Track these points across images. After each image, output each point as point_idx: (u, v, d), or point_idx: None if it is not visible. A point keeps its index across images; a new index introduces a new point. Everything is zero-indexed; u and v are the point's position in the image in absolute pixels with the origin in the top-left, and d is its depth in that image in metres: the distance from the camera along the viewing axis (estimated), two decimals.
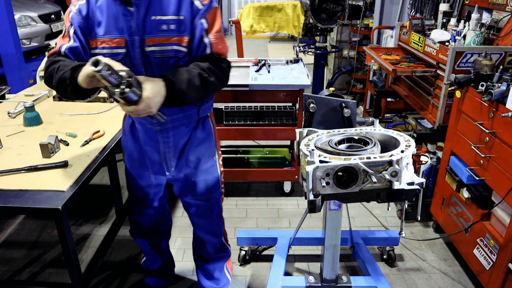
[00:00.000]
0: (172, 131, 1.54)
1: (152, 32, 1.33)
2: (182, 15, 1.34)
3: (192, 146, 1.59)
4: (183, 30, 1.35)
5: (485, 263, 1.94)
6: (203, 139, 1.61)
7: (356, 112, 2.32)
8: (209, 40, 1.37)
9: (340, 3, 3.89)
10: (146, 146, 1.60)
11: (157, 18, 1.32)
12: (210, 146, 1.65)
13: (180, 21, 1.34)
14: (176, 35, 1.34)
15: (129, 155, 1.68)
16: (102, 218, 2.70)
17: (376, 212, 2.78)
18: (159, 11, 1.32)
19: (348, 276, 1.98)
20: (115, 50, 1.36)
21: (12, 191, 1.46)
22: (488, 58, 1.99)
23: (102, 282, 2.18)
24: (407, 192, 1.39)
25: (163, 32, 1.33)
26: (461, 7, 2.84)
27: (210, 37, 1.37)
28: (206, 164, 1.65)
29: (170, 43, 1.35)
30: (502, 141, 1.80)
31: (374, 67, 3.82)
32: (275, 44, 8.78)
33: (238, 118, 2.88)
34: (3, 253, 2.38)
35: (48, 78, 1.36)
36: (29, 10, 4.93)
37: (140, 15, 1.32)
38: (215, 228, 1.85)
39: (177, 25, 1.34)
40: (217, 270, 1.96)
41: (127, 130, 1.63)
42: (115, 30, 1.34)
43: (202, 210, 1.76)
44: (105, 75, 1.10)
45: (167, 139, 1.55)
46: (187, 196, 1.73)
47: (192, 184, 1.67)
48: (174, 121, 1.51)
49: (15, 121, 2.05)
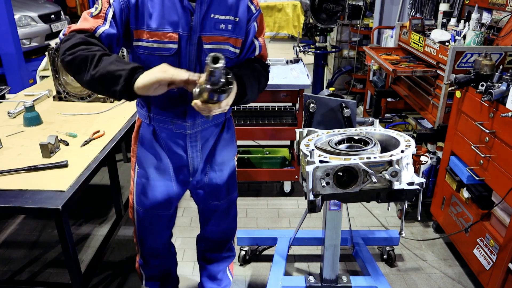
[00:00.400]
0: (200, 133, 1.49)
1: (210, 31, 1.32)
2: (239, 16, 1.35)
3: (219, 147, 1.57)
4: (238, 31, 1.37)
5: (485, 263, 1.94)
6: (229, 140, 1.60)
7: (356, 112, 2.32)
8: (259, 43, 1.45)
9: (340, 3, 3.89)
10: (171, 152, 1.50)
11: (215, 16, 1.31)
12: (233, 147, 1.65)
13: (236, 22, 1.35)
14: (232, 36, 1.36)
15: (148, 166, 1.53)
16: (102, 218, 2.70)
17: (376, 212, 2.78)
18: (218, 10, 1.32)
19: (348, 276, 1.98)
20: (167, 45, 1.29)
21: (12, 191, 1.46)
22: (488, 58, 1.99)
23: (102, 282, 2.18)
24: (407, 192, 1.39)
25: (221, 31, 1.33)
26: (461, 7, 2.84)
27: (260, 40, 1.45)
28: (229, 165, 1.64)
29: (225, 43, 1.35)
30: (502, 141, 1.80)
31: (374, 67, 3.82)
32: (275, 44, 8.78)
33: (239, 118, 2.88)
34: (3, 253, 2.38)
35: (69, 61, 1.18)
36: (29, 10, 4.93)
37: (202, 12, 1.29)
38: (230, 228, 1.83)
39: (233, 26, 1.35)
40: (221, 271, 1.94)
41: (147, 138, 1.49)
42: (169, 24, 1.27)
43: (221, 212, 1.74)
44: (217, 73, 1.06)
45: (195, 143, 1.50)
46: (210, 200, 1.68)
47: (216, 187, 1.63)
48: (205, 123, 1.48)
49: (15, 121, 2.05)
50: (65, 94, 2.31)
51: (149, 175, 1.53)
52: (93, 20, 1.23)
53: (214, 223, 1.78)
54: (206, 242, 1.88)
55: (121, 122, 2.04)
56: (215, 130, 1.54)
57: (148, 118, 1.45)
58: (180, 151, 1.50)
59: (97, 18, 1.23)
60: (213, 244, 1.87)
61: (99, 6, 1.24)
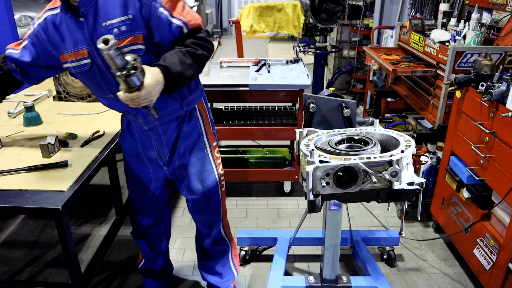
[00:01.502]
0: (161, 127, 1.56)
1: None
2: (130, 13, 1.32)
3: (181, 140, 1.61)
4: (135, 28, 1.34)
5: (485, 263, 1.94)
6: (190, 133, 1.61)
7: (356, 112, 2.32)
8: (181, 21, 1.35)
9: (340, 3, 3.89)
10: (142, 144, 1.62)
11: (107, 23, 1.32)
12: (199, 139, 1.64)
13: (130, 20, 1.33)
14: (130, 35, 1.34)
15: (127, 153, 1.71)
16: (102, 218, 2.70)
17: (376, 212, 2.79)
18: (106, 16, 1.32)
19: (348, 276, 1.98)
20: (81, 61, 1.41)
21: (12, 191, 1.46)
22: (488, 58, 1.99)
23: (102, 282, 2.18)
24: (407, 192, 1.39)
25: (116, 36, 1.31)
26: (461, 7, 2.84)
27: (179, 18, 1.35)
28: (196, 157, 1.65)
29: (125, 45, 1.34)
30: (502, 141, 1.80)
31: (374, 67, 3.82)
32: (275, 44, 8.79)
33: (238, 118, 2.88)
34: (3, 253, 2.38)
35: None
36: (29, 10, 4.93)
37: (90, 24, 1.33)
38: (211, 221, 1.83)
39: (127, 25, 1.33)
40: (220, 264, 1.93)
41: (124, 128, 1.66)
42: (76, 43, 1.38)
43: (198, 204, 1.76)
44: (112, 54, 1.09)
45: (158, 136, 1.58)
46: (185, 191, 1.73)
47: (185, 178, 1.68)
48: (160, 119, 1.53)
49: (15, 121, 2.05)
50: (65, 94, 2.31)
51: (128, 160, 1.72)
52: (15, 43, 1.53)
53: (195, 215, 1.82)
54: (199, 233, 1.92)
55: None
56: (175, 123, 1.57)
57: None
58: (148, 143, 1.61)
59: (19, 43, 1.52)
60: (202, 235, 1.90)
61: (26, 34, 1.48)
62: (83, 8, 1.31)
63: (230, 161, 3.01)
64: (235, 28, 4.24)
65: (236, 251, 2.02)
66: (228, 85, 2.69)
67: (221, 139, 2.96)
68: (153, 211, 1.84)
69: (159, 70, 1.26)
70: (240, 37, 4.19)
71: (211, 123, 1.71)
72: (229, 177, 2.93)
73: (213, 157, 1.71)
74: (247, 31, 5.86)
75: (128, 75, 1.14)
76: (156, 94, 1.24)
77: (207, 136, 1.68)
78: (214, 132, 1.74)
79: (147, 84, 1.18)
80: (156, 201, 1.81)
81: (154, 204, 1.82)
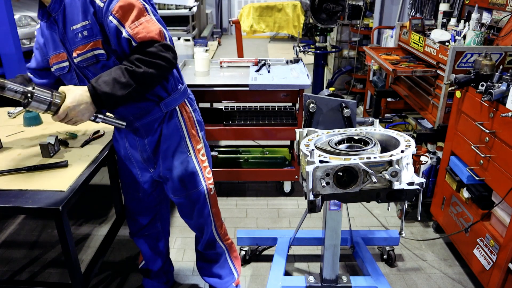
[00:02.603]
0: (142, 130, 1.55)
1: (74, 43, 1.37)
2: (88, 19, 1.33)
3: (162, 142, 1.59)
4: (95, 33, 1.34)
5: (485, 263, 1.94)
6: (170, 135, 1.59)
7: (356, 112, 2.32)
8: (128, 33, 1.30)
9: (340, 3, 3.89)
10: (129, 146, 1.64)
11: (73, 27, 1.35)
12: (180, 142, 1.61)
13: (89, 25, 1.33)
14: (90, 40, 1.35)
15: (118, 154, 1.74)
16: (102, 218, 2.70)
17: (376, 212, 2.79)
18: (72, 21, 1.35)
19: (348, 276, 1.98)
20: (61, 64, 1.46)
21: (12, 191, 1.46)
22: (488, 58, 1.99)
23: (102, 282, 2.18)
24: (407, 192, 1.39)
25: (81, 40, 1.35)
26: (461, 7, 2.84)
27: (127, 30, 1.30)
28: (178, 160, 1.62)
29: (88, 50, 1.36)
30: (502, 141, 1.80)
31: (374, 67, 3.82)
32: (275, 44, 8.79)
33: (238, 118, 2.88)
34: (3, 253, 2.38)
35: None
36: (29, 10, 4.93)
37: (60, 28, 1.38)
38: (199, 225, 1.80)
39: (88, 30, 1.34)
40: (217, 266, 1.92)
41: (115, 130, 1.68)
42: (55, 47, 1.44)
43: (184, 208, 1.75)
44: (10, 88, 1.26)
45: (141, 137, 1.58)
46: (170, 194, 1.73)
47: (168, 181, 1.67)
48: (139, 121, 1.53)
49: (15, 121, 2.05)
50: None
51: (119, 161, 1.76)
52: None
53: (183, 217, 1.82)
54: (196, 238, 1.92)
55: None
56: (155, 124, 1.56)
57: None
58: (133, 145, 1.62)
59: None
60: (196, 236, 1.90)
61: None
62: (54, 14, 1.37)
63: (230, 161, 3.01)
64: (235, 28, 4.24)
65: (236, 253, 2.01)
66: (228, 85, 2.69)
67: (221, 139, 2.96)
68: (146, 210, 1.85)
69: (87, 89, 1.30)
70: (240, 37, 4.19)
71: (198, 125, 1.65)
72: (229, 177, 2.93)
73: (198, 160, 1.66)
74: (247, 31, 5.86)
75: (25, 104, 1.27)
76: (82, 114, 1.30)
77: (190, 139, 1.62)
78: (201, 135, 1.68)
79: (64, 106, 1.27)
80: (148, 201, 1.82)
81: (146, 204, 1.83)
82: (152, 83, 1.38)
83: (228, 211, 2.81)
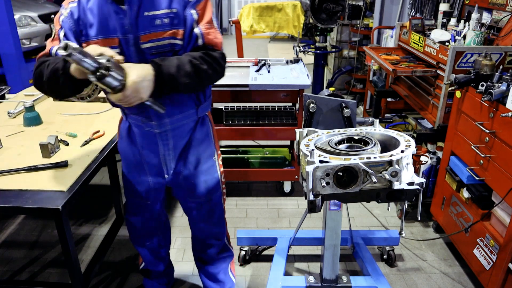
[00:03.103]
0: (172, 132, 1.52)
1: (147, 29, 1.32)
2: (175, 7, 1.32)
3: (191, 147, 1.58)
4: (176, 23, 1.34)
5: (485, 263, 1.94)
6: (202, 140, 1.60)
7: (356, 112, 2.32)
8: (200, 31, 1.36)
9: (340, 3, 3.89)
10: (144, 150, 1.57)
11: (150, 13, 1.31)
12: (209, 147, 1.64)
13: (173, 14, 1.33)
14: (170, 29, 1.33)
15: (126, 160, 1.65)
16: (102, 218, 2.70)
17: (376, 212, 2.78)
18: (151, 6, 1.31)
19: (348, 276, 1.98)
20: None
21: (12, 191, 1.46)
22: (488, 58, 1.99)
23: (102, 282, 2.18)
24: (407, 192, 1.39)
25: (157, 27, 1.32)
26: (461, 7, 2.84)
27: (201, 28, 1.36)
28: (206, 165, 1.64)
29: (165, 38, 1.33)
30: (502, 141, 1.80)
31: (374, 67, 3.82)
32: (275, 44, 8.78)
33: (238, 118, 2.88)
34: (3, 253, 2.38)
35: (38, 76, 1.33)
36: (29, 10, 4.93)
37: (133, 12, 1.30)
38: (217, 230, 1.83)
39: (170, 18, 1.33)
40: (221, 272, 1.93)
41: (123, 134, 1.60)
42: (107, 30, 1.33)
43: (203, 212, 1.74)
44: (77, 59, 1.08)
45: (167, 141, 1.53)
46: (188, 198, 1.71)
47: (192, 186, 1.65)
48: (174, 122, 1.50)
49: (15, 121, 2.05)
50: None
51: (127, 167, 1.66)
52: (50, 43, 1.39)
53: (200, 225, 1.79)
54: (199, 244, 1.89)
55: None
56: (187, 129, 1.55)
57: (125, 114, 1.55)
58: (152, 149, 1.55)
59: (54, 41, 1.38)
60: (205, 246, 1.86)
61: (54, 30, 1.38)
62: None
63: (230, 161, 3.01)
64: (235, 28, 4.24)
65: (233, 259, 2.03)
66: (228, 85, 2.68)
67: (221, 139, 2.95)
68: (150, 217, 1.80)
69: (151, 66, 1.26)
70: (240, 37, 4.19)
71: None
72: (229, 177, 2.93)
73: (218, 165, 1.70)
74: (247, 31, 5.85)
75: (100, 76, 1.13)
76: (144, 92, 1.24)
77: (215, 144, 1.67)
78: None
79: (130, 81, 1.19)
80: (152, 209, 1.77)
81: (150, 211, 1.78)
82: (206, 83, 1.43)
83: (228, 211, 2.79)
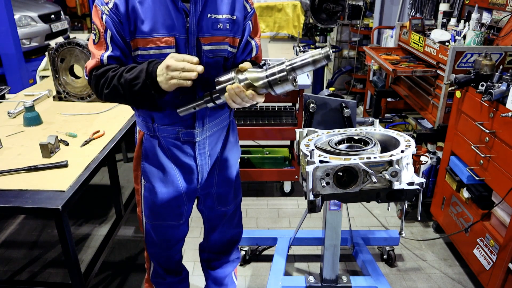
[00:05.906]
0: (208, 139, 1.46)
1: (208, 31, 1.28)
2: (236, 15, 1.32)
3: (226, 151, 1.54)
4: (235, 30, 1.33)
5: (485, 263, 1.94)
6: (234, 143, 1.59)
7: (356, 112, 2.32)
8: (256, 43, 1.41)
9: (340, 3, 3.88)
10: (179, 163, 1.46)
11: (212, 16, 1.28)
12: (238, 149, 1.63)
13: (233, 21, 1.32)
14: (230, 35, 1.32)
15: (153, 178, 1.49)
16: (102, 218, 2.70)
17: (376, 212, 2.78)
18: (214, 9, 1.28)
19: (348, 276, 1.98)
20: (163, 50, 1.24)
21: (12, 191, 1.46)
22: (488, 58, 1.99)
23: (102, 282, 2.18)
24: (407, 192, 1.39)
25: (219, 31, 1.29)
26: (461, 7, 2.84)
27: (256, 40, 1.41)
28: (235, 168, 1.63)
29: (224, 43, 1.32)
30: (502, 141, 1.80)
31: (374, 67, 3.82)
32: (275, 44, 8.78)
33: (238, 118, 2.88)
34: (3, 253, 2.38)
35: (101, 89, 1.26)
36: (29, 10, 4.93)
37: (197, 12, 1.25)
38: (237, 231, 1.82)
39: (230, 24, 1.31)
40: (228, 276, 1.90)
41: (152, 152, 1.45)
42: (163, 28, 1.23)
43: (229, 216, 1.72)
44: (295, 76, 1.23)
45: (204, 150, 1.46)
46: (218, 206, 1.65)
47: (225, 192, 1.62)
48: (212, 128, 1.46)
49: (15, 121, 2.05)
50: (65, 94, 2.31)
51: (157, 188, 1.48)
52: (97, 50, 1.27)
53: (221, 230, 1.75)
54: (212, 250, 1.82)
55: (121, 122, 2.04)
56: (221, 134, 1.51)
57: (152, 129, 1.41)
58: (188, 161, 1.46)
59: (99, 45, 1.26)
60: (219, 250, 1.82)
61: (97, 32, 1.25)
62: None
63: None
64: None
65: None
66: None
67: None
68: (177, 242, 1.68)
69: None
70: None
71: None
72: None
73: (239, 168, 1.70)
74: None
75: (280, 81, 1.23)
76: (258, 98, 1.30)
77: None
78: None
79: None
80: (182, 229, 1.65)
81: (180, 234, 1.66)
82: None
83: None
